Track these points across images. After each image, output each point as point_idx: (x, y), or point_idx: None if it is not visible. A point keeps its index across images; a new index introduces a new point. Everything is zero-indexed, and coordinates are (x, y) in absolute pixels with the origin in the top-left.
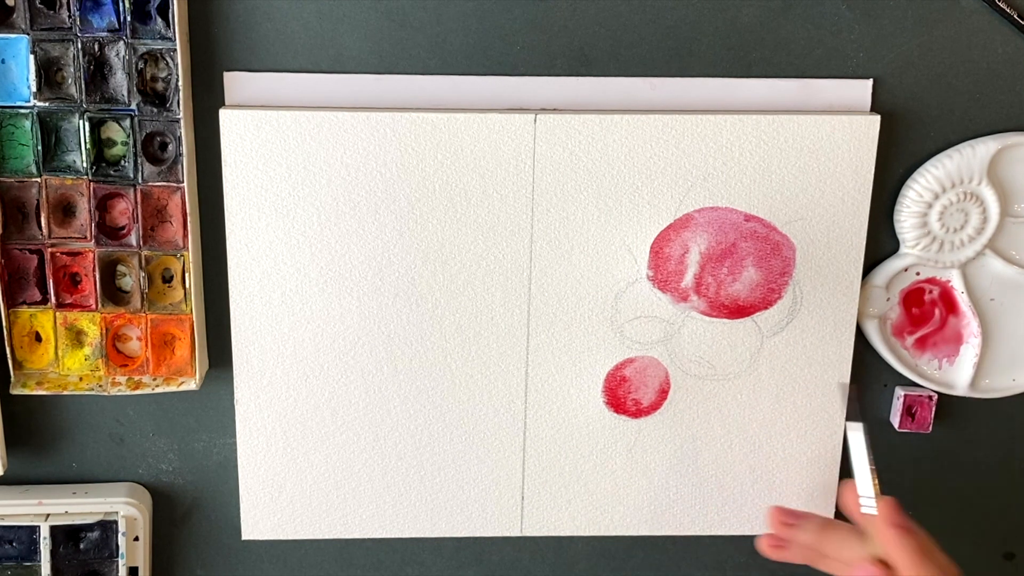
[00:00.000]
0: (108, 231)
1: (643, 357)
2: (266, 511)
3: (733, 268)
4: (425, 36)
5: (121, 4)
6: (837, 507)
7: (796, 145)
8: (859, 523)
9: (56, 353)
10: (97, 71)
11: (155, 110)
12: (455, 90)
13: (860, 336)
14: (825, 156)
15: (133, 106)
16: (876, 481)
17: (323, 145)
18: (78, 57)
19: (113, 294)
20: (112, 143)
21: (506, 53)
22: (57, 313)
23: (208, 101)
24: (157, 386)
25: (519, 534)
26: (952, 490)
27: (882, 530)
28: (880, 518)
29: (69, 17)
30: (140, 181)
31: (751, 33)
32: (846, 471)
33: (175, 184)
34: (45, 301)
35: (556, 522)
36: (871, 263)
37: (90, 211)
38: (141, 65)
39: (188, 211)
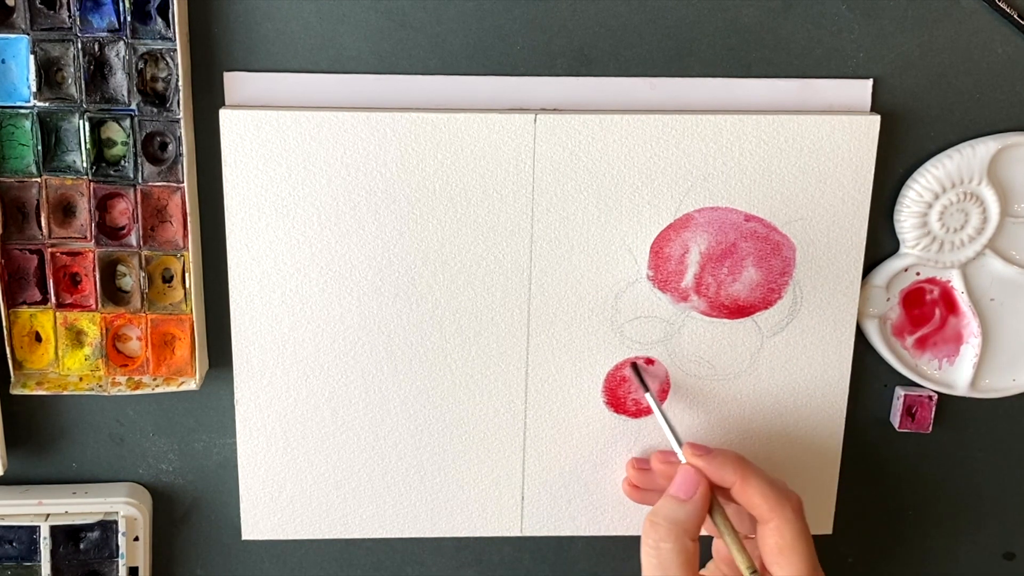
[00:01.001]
0: (108, 231)
1: (643, 357)
2: (266, 511)
3: (733, 268)
4: (425, 36)
5: (121, 4)
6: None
7: (796, 145)
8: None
9: (56, 353)
10: (97, 71)
11: (155, 110)
12: (455, 90)
13: (860, 336)
14: (825, 156)
15: (133, 106)
16: (676, 434)
17: (323, 145)
18: (78, 57)
19: (113, 294)
20: (112, 143)
21: (506, 53)
22: (57, 313)
23: (208, 101)
24: (157, 386)
25: (519, 534)
26: (952, 490)
27: (693, 465)
28: (688, 458)
29: (69, 17)
30: (140, 181)
31: (751, 33)
32: (845, 470)
33: (175, 184)
34: (45, 301)
35: (556, 522)
36: (871, 263)
37: (90, 211)
38: (141, 65)
39: (188, 211)
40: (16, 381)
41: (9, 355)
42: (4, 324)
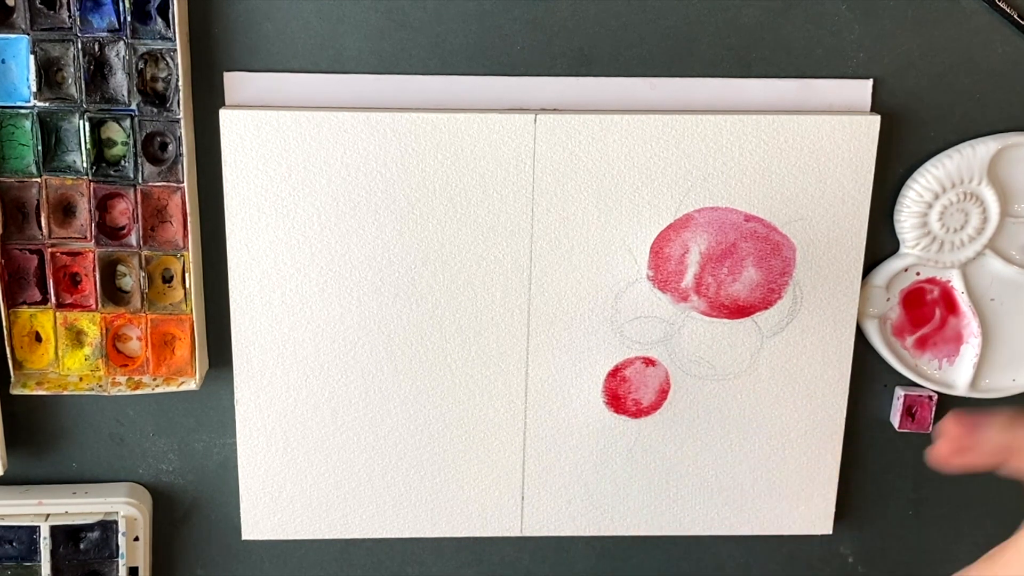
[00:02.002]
0: (108, 231)
1: (643, 357)
2: (266, 511)
3: (733, 268)
4: (425, 36)
5: (121, 4)
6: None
7: (796, 145)
8: None
9: (56, 353)
10: (97, 71)
11: (155, 110)
12: (455, 90)
13: (860, 336)
14: (825, 156)
15: (133, 106)
16: None
17: (323, 145)
18: (78, 57)
19: (113, 294)
20: (112, 143)
21: (506, 53)
22: (57, 313)
23: (208, 101)
24: (157, 386)
25: (519, 534)
26: (951, 490)
27: None
28: None
29: (69, 17)
30: (140, 181)
31: (751, 33)
32: (845, 470)
33: (175, 184)
34: (45, 301)
35: (556, 522)
36: (871, 263)
37: (90, 211)
38: (141, 65)
39: (188, 211)
40: (16, 381)
41: (9, 355)
42: (4, 324)
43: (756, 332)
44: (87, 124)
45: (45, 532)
